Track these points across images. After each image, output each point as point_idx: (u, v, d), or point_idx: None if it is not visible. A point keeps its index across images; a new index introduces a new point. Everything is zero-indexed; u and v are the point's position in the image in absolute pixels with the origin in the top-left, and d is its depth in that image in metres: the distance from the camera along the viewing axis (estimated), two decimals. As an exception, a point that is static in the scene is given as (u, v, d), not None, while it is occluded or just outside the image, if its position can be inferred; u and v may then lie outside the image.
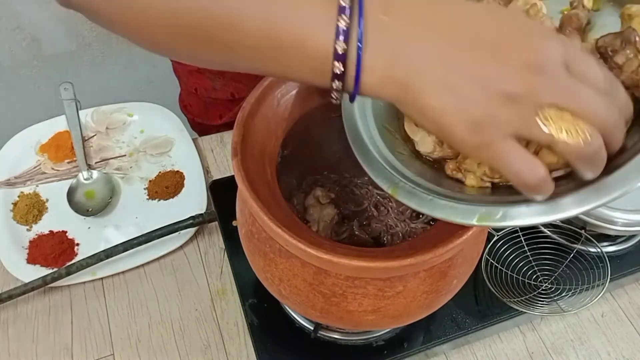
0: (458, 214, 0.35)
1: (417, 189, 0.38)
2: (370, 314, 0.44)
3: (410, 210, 0.59)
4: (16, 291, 0.60)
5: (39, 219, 0.69)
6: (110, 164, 0.75)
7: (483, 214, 0.34)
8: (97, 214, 0.69)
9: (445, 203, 0.36)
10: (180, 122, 0.80)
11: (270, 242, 0.43)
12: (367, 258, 0.39)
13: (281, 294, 0.46)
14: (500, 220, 0.34)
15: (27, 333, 0.61)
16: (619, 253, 0.67)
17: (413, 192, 0.38)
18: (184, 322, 0.62)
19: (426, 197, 0.37)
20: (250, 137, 0.45)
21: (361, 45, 0.30)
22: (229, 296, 0.64)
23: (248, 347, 0.60)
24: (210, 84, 0.82)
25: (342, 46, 0.30)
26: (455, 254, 0.43)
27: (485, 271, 0.62)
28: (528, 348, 0.63)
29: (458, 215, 0.35)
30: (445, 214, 0.36)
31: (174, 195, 0.72)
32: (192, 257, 0.67)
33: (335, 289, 0.42)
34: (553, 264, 0.64)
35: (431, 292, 0.44)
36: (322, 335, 0.58)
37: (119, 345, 0.60)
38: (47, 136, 0.76)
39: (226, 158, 0.78)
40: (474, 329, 0.59)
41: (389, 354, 0.57)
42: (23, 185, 0.71)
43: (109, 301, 0.63)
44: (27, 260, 0.64)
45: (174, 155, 0.76)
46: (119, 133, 0.78)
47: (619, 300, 0.67)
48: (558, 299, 0.62)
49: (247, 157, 0.44)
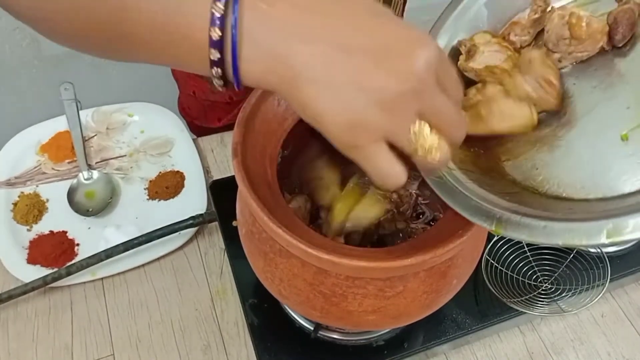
0: (583, 235, 0.32)
1: (523, 217, 0.35)
2: (370, 314, 0.44)
3: (410, 210, 0.59)
4: (16, 291, 0.60)
5: (39, 219, 0.69)
6: (111, 164, 0.75)
7: (611, 229, 0.31)
8: (97, 214, 0.69)
9: (562, 227, 0.33)
10: (180, 123, 0.80)
11: (270, 242, 0.43)
12: (367, 258, 0.39)
13: (281, 294, 0.46)
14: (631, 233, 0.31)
15: (27, 333, 0.61)
16: (619, 253, 0.67)
17: (521, 223, 0.34)
18: (184, 322, 0.62)
19: (539, 225, 0.34)
20: (251, 137, 0.45)
21: (235, 32, 0.31)
22: (229, 296, 0.64)
23: (248, 347, 0.60)
24: (208, 87, 0.82)
25: (217, 33, 0.31)
26: (456, 254, 0.43)
27: (486, 271, 0.62)
28: (528, 348, 0.63)
29: (583, 238, 0.32)
30: (566, 239, 0.32)
31: (174, 195, 0.72)
32: (192, 258, 0.67)
33: (335, 289, 0.42)
34: (553, 264, 0.64)
35: (431, 292, 0.44)
36: (322, 335, 0.58)
37: (119, 345, 0.60)
38: (47, 136, 0.76)
39: (226, 158, 0.78)
40: (474, 329, 0.59)
41: (389, 354, 0.57)
42: (23, 185, 0.71)
43: (109, 301, 0.63)
44: (28, 260, 0.64)
45: (174, 156, 0.76)
46: (119, 133, 0.78)
47: (619, 300, 0.67)
48: (558, 299, 0.62)
49: (247, 157, 0.44)
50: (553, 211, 0.35)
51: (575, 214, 0.34)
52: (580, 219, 0.33)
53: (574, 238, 0.32)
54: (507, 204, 0.37)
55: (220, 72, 0.32)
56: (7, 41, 1.29)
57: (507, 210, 0.36)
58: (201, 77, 0.82)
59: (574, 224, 0.33)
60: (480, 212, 0.37)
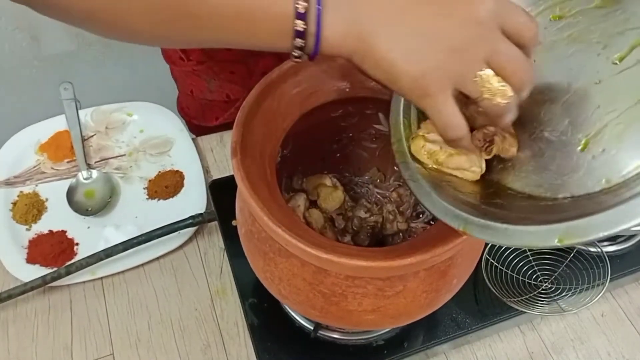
0: (540, 239, 0.33)
1: (489, 220, 0.36)
2: (370, 313, 0.44)
3: (410, 210, 0.59)
4: (16, 291, 0.60)
5: (38, 219, 0.68)
6: (110, 164, 0.75)
7: (563, 234, 0.33)
8: (96, 214, 0.69)
9: (520, 229, 0.34)
10: (180, 122, 0.80)
11: (270, 242, 0.43)
12: (367, 257, 0.39)
13: (281, 294, 0.46)
14: (583, 236, 0.32)
15: (27, 333, 0.61)
16: (619, 253, 0.67)
17: (485, 225, 0.36)
18: (183, 322, 0.62)
19: (500, 227, 0.35)
20: (250, 136, 0.45)
21: (320, 2, 0.34)
22: (229, 296, 0.64)
23: (248, 347, 0.60)
24: (206, 86, 0.82)
25: (304, 5, 0.33)
26: (455, 253, 0.43)
27: (485, 271, 0.62)
28: (528, 348, 0.63)
29: (539, 241, 0.33)
30: (523, 241, 0.34)
31: (174, 194, 0.72)
32: (192, 257, 0.67)
33: (335, 288, 0.42)
34: (553, 263, 0.64)
35: (431, 291, 0.44)
36: (322, 335, 0.58)
37: (118, 345, 0.60)
38: (46, 136, 0.76)
39: (226, 158, 0.78)
40: (474, 328, 0.59)
41: (388, 353, 0.57)
42: (22, 184, 0.71)
43: (108, 301, 0.63)
44: (27, 259, 0.64)
45: (173, 155, 0.76)
46: (119, 133, 0.78)
47: (619, 300, 0.67)
48: (558, 298, 0.62)
49: (246, 156, 0.44)
50: (521, 212, 0.37)
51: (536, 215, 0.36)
52: (537, 221, 0.34)
53: (531, 241, 0.34)
54: (477, 206, 0.38)
55: (303, 43, 0.35)
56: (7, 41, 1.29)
57: (473, 213, 0.37)
58: (199, 76, 0.82)
59: (528, 226, 0.34)
60: (450, 213, 0.38)
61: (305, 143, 0.54)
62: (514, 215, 0.36)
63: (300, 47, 0.35)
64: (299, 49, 0.35)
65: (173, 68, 0.86)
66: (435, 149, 0.42)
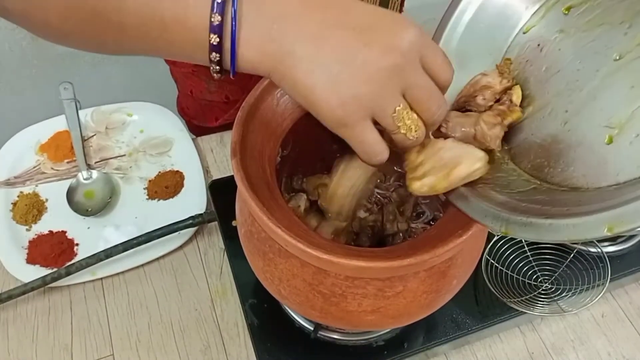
0: (588, 230, 0.32)
1: (531, 217, 0.35)
2: (370, 314, 0.43)
3: (410, 210, 0.59)
4: (16, 291, 0.60)
5: (38, 219, 0.68)
6: (110, 164, 0.75)
7: (612, 221, 0.31)
8: (96, 214, 0.69)
9: (565, 223, 0.33)
10: (179, 122, 0.80)
11: (269, 242, 0.43)
12: (366, 258, 0.38)
13: (281, 294, 0.46)
14: (633, 222, 0.31)
15: (27, 333, 0.61)
16: (619, 253, 0.67)
17: (527, 223, 0.35)
18: (183, 322, 0.62)
19: (544, 223, 0.34)
20: (250, 137, 0.45)
21: (235, 17, 0.32)
22: (229, 296, 0.64)
23: (248, 348, 0.60)
24: (205, 87, 0.82)
25: (218, 18, 0.32)
26: (456, 254, 0.43)
27: (486, 271, 0.62)
28: (528, 348, 0.63)
29: (587, 232, 0.32)
30: (570, 235, 0.33)
31: (174, 195, 0.72)
32: (191, 258, 0.67)
33: (334, 289, 0.42)
34: (553, 264, 0.64)
35: (431, 292, 0.44)
36: (322, 335, 0.58)
37: (118, 345, 0.60)
38: (46, 136, 0.76)
39: (226, 158, 0.78)
40: (474, 329, 0.59)
41: (389, 354, 0.57)
42: (22, 185, 0.71)
43: (108, 301, 0.63)
44: (27, 260, 0.64)
45: (173, 155, 0.76)
46: (119, 133, 0.78)
47: (619, 300, 0.67)
48: (558, 299, 0.62)
49: (246, 157, 0.44)
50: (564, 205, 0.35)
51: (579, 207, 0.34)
52: (581, 213, 0.33)
53: (580, 235, 0.32)
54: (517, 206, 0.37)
55: (219, 57, 0.34)
56: (7, 41, 1.29)
57: (513, 212, 0.36)
58: (198, 77, 0.82)
59: (573, 219, 0.33)
60: (490, 215, 0.38)
61: (305, 143, 0.54)
62: (557, 210, 0.35)
63: (217, 62, 0.34)
64: (217, 63, 0.35)
65: (173, 69, 0.86)
66: (432, 181, 0.40)
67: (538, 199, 0.38)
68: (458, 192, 0.41)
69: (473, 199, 0.40)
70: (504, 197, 0.39)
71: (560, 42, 0.39)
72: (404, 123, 0.36)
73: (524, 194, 0.40)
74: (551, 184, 0.39)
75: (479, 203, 0.39)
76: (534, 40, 0.44)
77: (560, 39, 0.39)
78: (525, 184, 0.41)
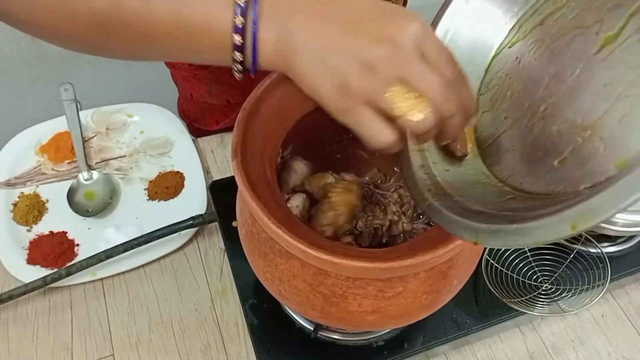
0: (553, 230, 0.31)
1: (497, 224, 0.35)
2: (370, 314, 0.44)
3: (411, 210, 0.59)
4: (16, 292, 0.60)
5: (39, 220, 0.69)
6: (111, 165, 0.75)
7: (575, 219, 0.30)
8: (97, 215, 0.69)
9: (530, 225, 0.33)
10: (180, 123, 0.80)
11: (270, 243, 0.43)
12: (367, 259, 0.39)
13: (281, 295, 0.46)
14: (595, 217, 0.30)
15: (27, 333, 0.61)
16: (619, 253, 0.67)
17: (495, 230, 0.35)
18: (184, 323, 0.62)
19: (510, 228, 0.34)
20: (250, 137, 0.45)
21: (256, 18, 0.35)
22: (229, 296, 0.64)
23: (248, 347, 0.60)
24: (206, 90, 0.82)
25: (241, 20, 0.35)
26: (456, 254, 0.43)
27: (486, 272, 0.62)
28: (528, 348, 0.63)
29: (554, 233, 0.31)
30: (535, 237, 0.32)
31: (174, 195, 0.72)
32: (192, 258, 0.67)
33: (335, 289, 0.42)
34: (553, 264, 0.64)
35: (431, 292, 0.44)
36: (322, 335, 0.58)
37: (119, 346, 0.60)
38: (47, 137, 0.76)
39: (226, 159, 0.78)
40: (474, 329, 0.59)
41: (389, 354, 0.57)
42: (23, 185, 0.71)
43: (109, 302, 0.63)
44: (27, 260, 0.64)
45: (174, 156, 0.76)
46: (119, 134, 0.78)
47: (619, 300, 0.67)
48: (558, 299, 0.62)
49: (247, 157, 0.44)
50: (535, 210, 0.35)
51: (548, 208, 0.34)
52: (548, 214, 0.32)
53: (546, 235, 0.32)
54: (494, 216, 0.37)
55: (242, 57, 0.36)
56: (7, 41, 1.29)
57: (483, 221, 0.36)
58: (199, 80, 0.82)
59: (538, 220, 0.32)
60: (462, 225, 0.38)
61: (305, 144, 0.54)
62: (527, 214, 0.35)
63: (240, 62, 0.37)
64: (240, 63, 0.37)
65: (173, 72, 0.86)
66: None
67: (513, 207, 0.38)
68: (433, 206, 0.41)
69: (446, 212, 0.40)
70: (478, 208, 0.39)
71: (536, 52, 0.39)
72: (398, 105, 0.35)
73: (500, 204, 0.40)
74: (529, 192, 0.39)
75: (451, 215, 0.39)
76: (513, 54, 0.45)
77: (536, 48, 0.39)
78: (502, 194, 0.41)
